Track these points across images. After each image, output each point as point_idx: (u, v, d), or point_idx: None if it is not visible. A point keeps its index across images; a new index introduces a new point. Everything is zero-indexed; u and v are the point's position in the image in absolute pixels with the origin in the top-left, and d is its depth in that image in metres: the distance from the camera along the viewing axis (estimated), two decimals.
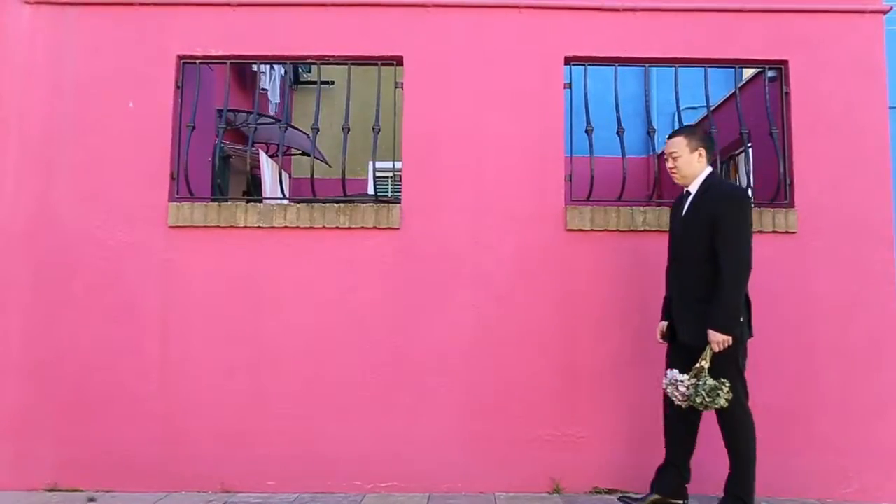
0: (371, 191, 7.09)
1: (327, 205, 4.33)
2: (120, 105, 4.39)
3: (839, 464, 4.15)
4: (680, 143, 3.65)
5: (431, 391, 4.18)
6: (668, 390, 3.53)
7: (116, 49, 4.44)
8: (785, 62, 4.43)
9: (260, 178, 6.60)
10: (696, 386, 3.39)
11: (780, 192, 4.38)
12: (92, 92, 4.41)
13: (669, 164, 3.69)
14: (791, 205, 4.33)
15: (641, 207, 4.34)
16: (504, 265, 4.26)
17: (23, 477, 4.16)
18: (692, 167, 3.64)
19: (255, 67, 4.69)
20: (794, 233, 4.28)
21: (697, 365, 3.44)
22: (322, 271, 4.27)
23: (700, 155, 3.63)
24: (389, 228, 4.28)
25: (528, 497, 4.03)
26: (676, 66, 4.49)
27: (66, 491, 4.11)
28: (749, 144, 4.61)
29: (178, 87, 4.45)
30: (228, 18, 4.46)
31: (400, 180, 4.40)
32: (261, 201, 4.89)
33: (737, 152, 6.49)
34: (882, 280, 4.26)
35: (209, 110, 5.12)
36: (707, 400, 3.37)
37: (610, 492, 4.12)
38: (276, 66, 7.70)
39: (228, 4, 4.45)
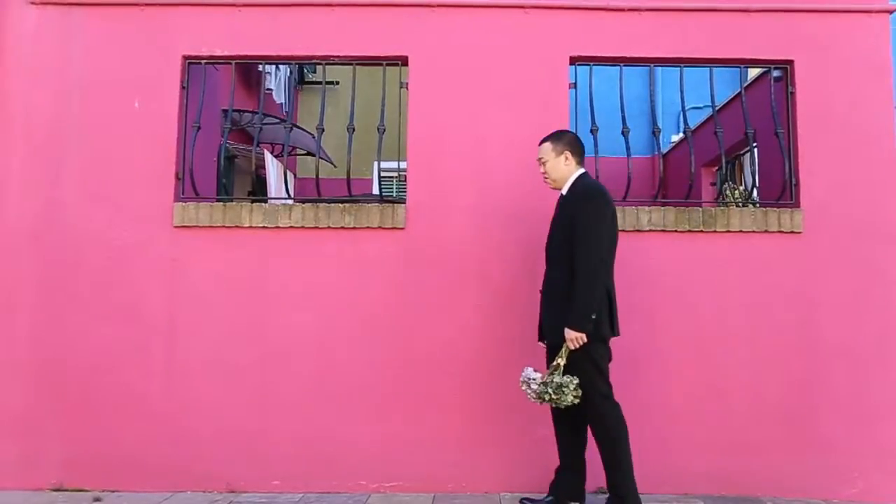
0: (376, 191, 7.08)
1: (332, 205, 4.33)
2: (125, 105, 4.40)
3: (845, 464, 4.14)
4: (546, 148, 3.74)
5: (436, 391, 4.17)
6: (523, 388, 3.57)
7: (122, 50, 4.45)
8: (790, 62, 4.42)
9: (265, 179, 6.61)
10: (546, 383, 3.45)
11: (785, 192, 4.37)
12: (97, 92, 4.42)
13: (541, 169, 3.79)
14: (797, 205, 4.32)
15: (647, 207, 4.34)
16: (509, 265, 4.26)
17: (29, 476, 4.18)
18: (560, 170, 3.71)
19: (260, 67, 4.69)
20: (799, 233, 4.27)
21: (554, 362, 3.50)
22: (327, 271, 4.27)
23: (567, 158, 3.70)
24: (394, 228, 4.29)
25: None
26: (681, 65, 4.48)
27: (72, 491, 4.12)
28: (754, 144, 4.60)
29: (183, 88, 4.46)
30: (234, 19, 4.47)
31: (405, 180, 4.40)
32: (266, 201, 4.90)
33: (742, 152, 6.49)
34: (888, 280, 4.25)
35: (214, 110, 5.13)
36: (554, 397, 3.42)
37: None
38: (281, 66, 7.71)
39: (234, 5, 4.46)
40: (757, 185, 4.72)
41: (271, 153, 6.76)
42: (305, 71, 9.44)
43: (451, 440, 4.13)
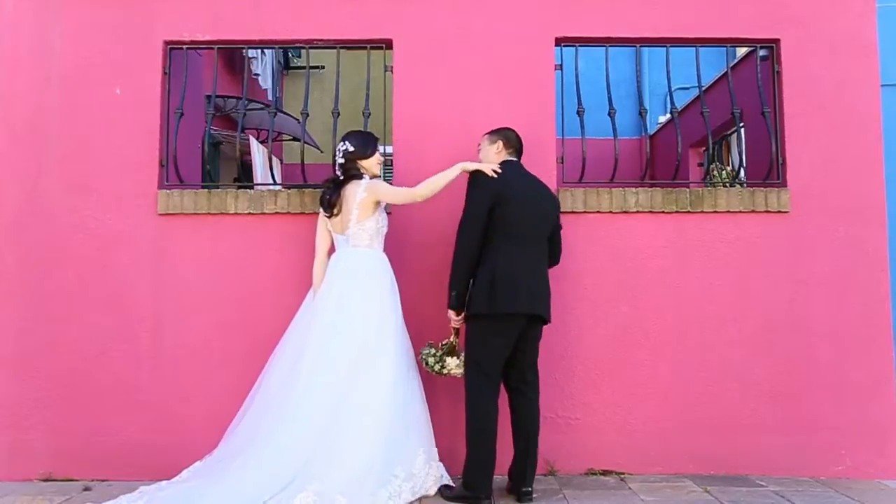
0: None
1: (318, 190, 4.29)
2: (107, 92, 4.35)
3: (832, 442, 4.18)
4: (484, 138, 3.91)
5: (425, 375, 4.15)
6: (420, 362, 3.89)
7: (102, 35, 4.39)
8: (777, 41, 4.41)
9: (251, 165, 6.56)
10: (426, 353, 3.87)
11: (772, 171, 4.38)
12: (78, 79, 4.37)
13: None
14: (783, 184, 4.33)
15: (634, 189, 4.33)
16: None
17: (17, 467, 4.16)
18: (489, 158, 3.83)
19: (244, 52, 4.64)
20: (786, 212, 4.28)
21: (447, 340, 3.89)
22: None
23: (499, 148, 3.82)
24: None
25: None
26: (668, 45, 4.46)
27: (61, 481, 4.10)
28: (741, 124, 4.59)
29: (165, 73, 4.40)
30: (215, 2, 4.41)
31: (391, 164, 4.37)
32: (251, 188, 4.86)
33: (729, 133, 6.48)
34: (874, 259, 4.27)
35: (198, 96, 5.08)
36: (435, 367, 3.81)
37: (605, 473, 4.14)
38: (267, 51, 7.64)
39: None
40: (744, 165, 4.72)
41: (257, 139, 6.71)
42: (290, 55, 9.36)
43: (441, 424, 4.08)
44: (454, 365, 3.76)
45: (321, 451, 3.46)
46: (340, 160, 3.91)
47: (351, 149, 3.89)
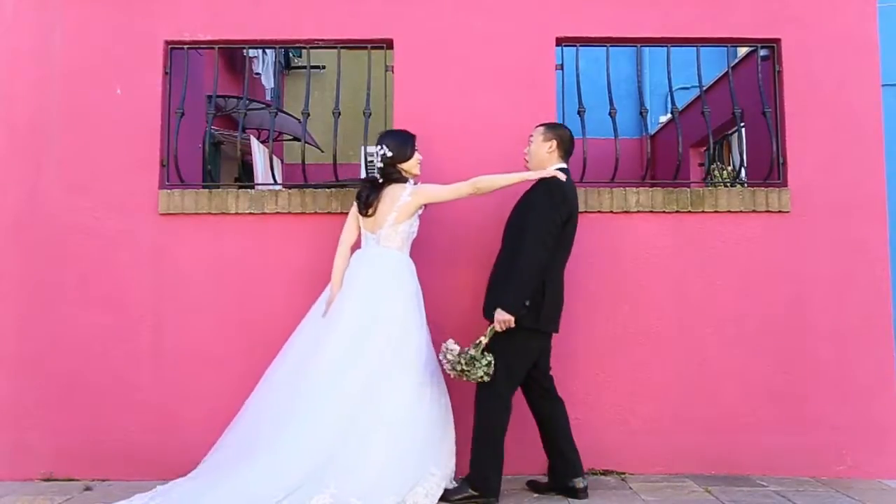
0: (363, 175, 7.05)
1: (319, 190, 4.31)
2: (108, 92, 4.35)
3: (833, 441, 4.17)
4: (538, 130, 3.80)
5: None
6: (440, 358, 3.62)
7: (103, 35, 4.39)
8: (777, 41, 4.40)
9: (251, 165, 6.56)
10: (461, 354, 3.51)
11: (773, 171, 4.37)
12: (79, 79, 4.37)
13: (525, 148, 3.86)
14: (784, 184, 4.32)
15: (634, 188, 4.33)
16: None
17: (18, 467, 4.16)
18: (539, 155, 3.74)
19: (245, 52, 4.64)
20: (787, 212, 4.28)
21: (477, 340, 3.56)
22: (315, 257, 4.24)
23: (551, 147, 3.72)
24: None
25: (525, 479, 4.03)
26: (668, 45, 4.46)
27: (62, 480, 4.11)
28: (742, 124, 4.59)
29: (166, 73, 4.40)
30: (216, 2, 4.41)
31: None
32: (252, 188, 4.86)
33: (730, 132, 6.48)
34: (875, 259, 4.27)
35: (199, 96, 5.08)
36: (466, 369, 3.48)
37: (605, 473, 4.14)
38: (268, 51, 7.64)
39: None
40: (745, 164, 4.72)
41: (257, 139, 6.71)
42: (291, 55, 9.36)
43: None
44: (483, 373, 3.52)
45: (338, 453, 3.41)
46: (379, 164, 3.81)
47: (389, 154, 3.79)
